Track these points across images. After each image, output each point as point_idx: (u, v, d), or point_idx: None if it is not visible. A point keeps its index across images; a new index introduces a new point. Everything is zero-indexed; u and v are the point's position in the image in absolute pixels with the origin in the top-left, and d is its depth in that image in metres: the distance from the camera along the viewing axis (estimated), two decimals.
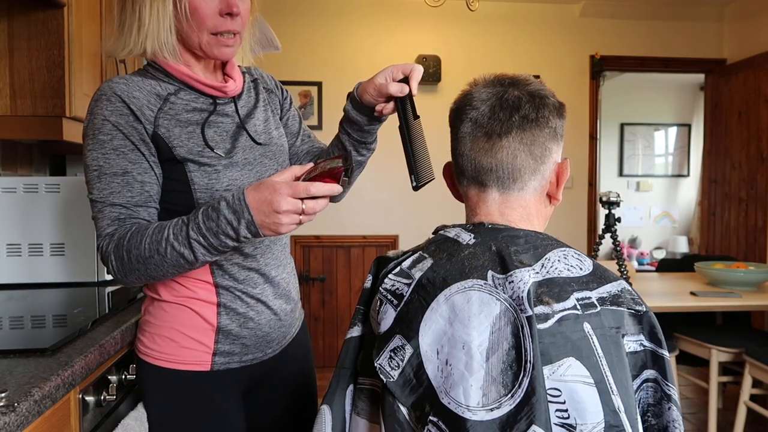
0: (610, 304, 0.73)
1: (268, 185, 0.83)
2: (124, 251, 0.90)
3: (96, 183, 0.93)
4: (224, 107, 1.03)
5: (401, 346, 0.76)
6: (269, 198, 0.82)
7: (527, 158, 0.79)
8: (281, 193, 0.82)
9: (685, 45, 3.86)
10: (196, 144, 0.97)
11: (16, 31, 1.51)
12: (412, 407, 0.73)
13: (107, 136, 0.92)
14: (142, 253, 0.88)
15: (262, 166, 1.05)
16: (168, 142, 0.96)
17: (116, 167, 0.93)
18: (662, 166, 5.82)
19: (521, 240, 0.77)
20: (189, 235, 0.86)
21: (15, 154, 1.86)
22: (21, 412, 0.74)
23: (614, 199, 2.47)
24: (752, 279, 2.46)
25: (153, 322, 1.02)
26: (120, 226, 0.93)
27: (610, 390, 0.68)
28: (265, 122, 1.09)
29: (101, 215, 0.93)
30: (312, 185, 0.83)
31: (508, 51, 3.73)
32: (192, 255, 0.87)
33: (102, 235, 0.93)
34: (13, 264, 1.64)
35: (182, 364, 1.00)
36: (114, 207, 0.93)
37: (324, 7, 3.59)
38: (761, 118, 3.54)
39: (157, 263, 0.89)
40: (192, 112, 0.99)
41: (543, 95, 0.81)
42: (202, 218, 0.86)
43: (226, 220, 0.84)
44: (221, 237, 0.85)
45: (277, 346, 1.09)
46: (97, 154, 0.93)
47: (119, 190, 0.93)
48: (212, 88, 1.01)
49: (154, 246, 0.88)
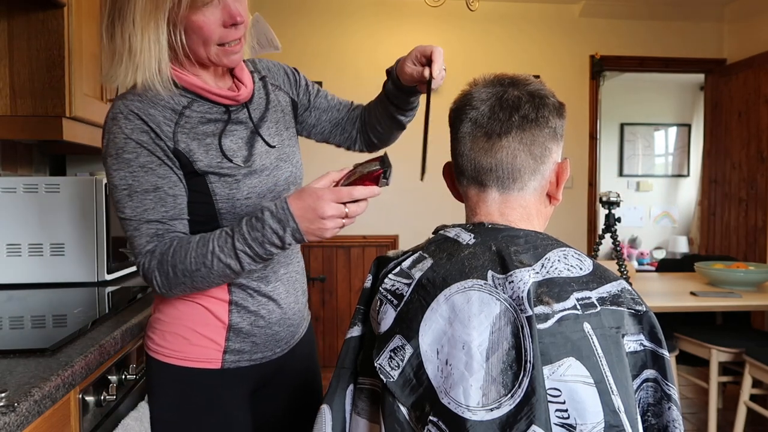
0: (610, 304, 0.73)
1: (311, 192, 0.86)
2: (168, 266, 0.91)
3: (128, 202, 0.92)
4: (238, 114, 1.03)
5: (401, 346, 0.76)
6: (313, 205, 0.85)
7: (527, 158, 0.79)
8: (325, 199, 0.85)
9: (684, 45, 3.86)
10: (214, 156, 0.97)
11: (16, 31, 1.51)
12: (412, 407, 0.73)
13: (132, 154, 0.92)
14: (188, 267, 0.90)
15: (278, 170, 1.05)
16: (188, 156, 0.95)
17: (146, 184, 0.92)
18: (662, 166, 5.82)
19: (521, 240, 0.77)
20: (235, 246, 0.88)
21: (15, 154, 1.86)
22: (21, 412, 0.74)
23: (614, 199, 2.47)
24: (752, 279, 2.46)
25: (164, 319, 1.02)
26: (159, 241, 0.93)
27: (610, 390, 0.68)
28: (276, 124, 1.09)
29: (138, 233, 0.93)
30: (354, 189, 0.86)
31: (508, 51, 3.73)
32: (238, 265, 0.89)
33: (142, 253, 0.93)
34: (13, 264, 1.64)
35: (192, 362, 1.00)
36: (150, 223, 0.93)
37: (324, 7, 3.59)
38: (761, 118, 3.54)
39: (203, 275, 0.90)
40: (207, 124, 0.98)
41: (543, 95, 0.81)
42: (246, 229, 0.87)
43: (271, 230, 0.86)
44: (267, 246, 0.88)
45: (285, 346, 1.10)
46: (125, 173, 0.92)
47: (153, 206, 0.93)
48: (225, 98, 1.00)
49: (200, 259, 0.89)
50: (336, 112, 1.23)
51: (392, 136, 1.24)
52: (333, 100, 1.23)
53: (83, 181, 1.68)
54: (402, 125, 1.20)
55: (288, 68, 1.19)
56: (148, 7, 0.89)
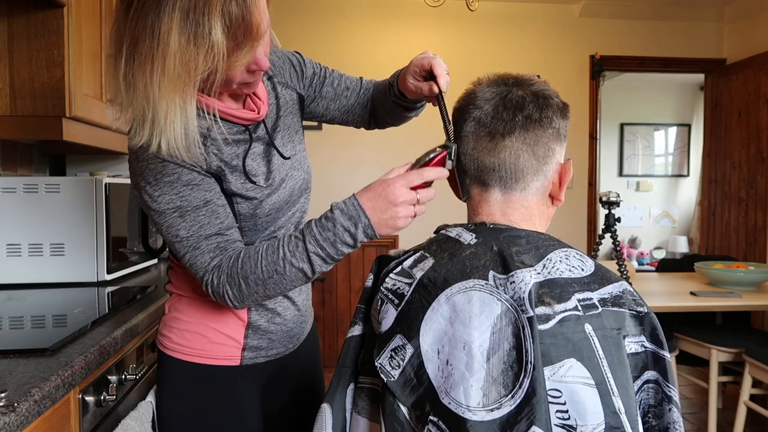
0: (612, 305, 0.73)
1: (380, 182, 0.85)
2: (240, 279, 0.88)
3: (181, 223, 0.89)
4: (257, 132, 1.00)
5: (402, 345, 0.76)
6: (383, 192, 0.83)
7: (530, 158, 0.79)
8: (396, 185, 0.83)
9: (684, 45, 3.86)
10: (239, 177, 0.95)
11: (16, 31, 1.50)
12: (413, 407, 0.73)
13: (173, 176, 0.88)
14: (261, 276, 0.88)
15: (292, 180, 1.04)
16: (221, 177, 0.94)
17: (195, 200, 0.89)
18: (662, 166, 5.82)
19: (523, 240, 0.77)
20: (307, 249, 0.86)
21: (15, 154, 1.86)
22: (21, 412, 0.74)
23: (614, 199, 2.47)
24: (752, 279, 2.46)
25: (183, 318, 1.02)
26: (222, 254, 0.90)
27: (610, 391, 0.68)
28: (288, 129, 1.07)
29: (198, 252, 0.90)
30: (425, 169, 0.84)
31: (507, 51, 3.73)
32: (310, 268, 0.87)
33: (208, 270, 0.90)
34: (13, 264, 1.64)
35: (212, 359, 1.01)
36: (209, 239, 0.90)
37: (324, 7, 3.59)
38: (761, 118, 3.54)
39: (276, 282, 0.88)
40: (231, 146, 0.95)
41: (547, 95, 0.81)
42: (317, 230, 0.86)
43: (343, 227, 0.85)
44: (338, 245, 0.86)
45: (297, 342, 1.12)
46: (170, 196, 0.88)
47: (207, 220, 0.90)
48: (247, 120, 0.97)
49: (272, 267, 0.87)
50: (344, 99, 1.17)
51: (404, 122, 1.21)
52: (340, 86, 1.17)
53: (83, 181, 1.68)
54: (413, 116, 1.18)
55: (293, 57, 1.12)
56: (179, 74, 0.79)
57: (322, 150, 3.59)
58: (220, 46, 0.78)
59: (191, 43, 0.77)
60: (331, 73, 1.16)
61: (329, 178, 3.60)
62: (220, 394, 1.02)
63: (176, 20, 0.76)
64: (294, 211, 1.06)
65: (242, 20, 0.79)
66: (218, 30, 0.77)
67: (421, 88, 0.98)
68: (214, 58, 0.78)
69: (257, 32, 0.81)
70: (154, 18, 0.77)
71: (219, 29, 0.77)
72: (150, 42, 0.77)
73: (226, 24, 0.78)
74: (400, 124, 1.21)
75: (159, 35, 0.77)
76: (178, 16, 0.76)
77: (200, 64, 0.78)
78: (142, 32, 0.77)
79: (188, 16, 0.76)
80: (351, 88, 1.18)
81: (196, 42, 0.77)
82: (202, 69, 0.79)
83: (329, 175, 3.60)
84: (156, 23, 0.76)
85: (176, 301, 1.05)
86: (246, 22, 0.79)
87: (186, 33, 0.77)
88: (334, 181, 3.60)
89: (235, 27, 0.79)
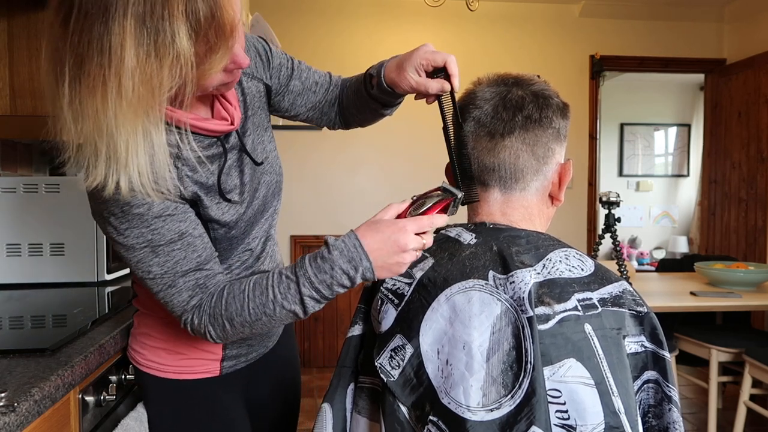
0: (611, 305, 0.73)
1: (389, 224, 0.77)
2: (224, 320, 0.80)
3: (153, 259, 0.78)
4: (229, 141, 0.89)
5: (402, 345, 0.76)
6: (394, 237, 0.76)
7: (530, 158, 0.79)
8: (408, 231, 0.77)
9: (684, 45, 3.86)
10: (214, 199, 0.86)
11: (15, 31, 1.50)
12: (412, 407, 0.73)
13: (143, 207, 0.75)
14: (247, 318, 0.80)
15: (265, 186, 0.97)
16: (195, 203, 0.84)
17: (169, 234, 0.78)
18: (662, 166, 5.82)
19: (523, 240, 0.77)
20: (301, 292, 0.78)
21: (15, 154, 1.86)
22: (21, 412, 0.74)
23: (614, 199, 2.47)
24: (752, 279, 2.46)
25: (155, 335, 0.98)
26: (203, 292, 0.81)
27: (610, 391, 0.68)
28: (257, 130, 0.96)
29: (174, 290, 0.80)
30: (435, 218, 0.79)
31: (507, 51, 3.73)
32: (303, 311, 0.80)
33: (187, 310, 0.81)
34: (13, 264, 1.64)
35: (191, 374, 0.98)
36: (186, 275, 0.80)
37: (324, 7, 3.59)
38: (761, 118, 3.54)
39: (264, 323, 0.81)
40: (203, 163, 0.84)
41: (547, 95, 0.81)
42: (313, 272, 0.77)
43: (341, 270, 0.77)
44: (335, 287, 0.78)
45: (275, 338, 1.10)
46: (140, 230, 0.76)
47: (184, 255, 0.79)
48: (221, 132, 0.86)
49: (260, 309, 0.79)
50: (312, 94, 1.06)
51: (374, 122, 1.11)
52: (308, 80, 1.06)
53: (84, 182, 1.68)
54: (385, 115, 1.07)
55: (259, 45, 0.99)
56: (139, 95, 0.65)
57: (322, 150, 3.59)
58: (188, 54, 0.65)
59: (151, 55, 0.64)
60: (298, 65, 1.05)
61: (329, 178, 3.60)
62: (204, 404, 0.99)
63: (130, 29, 0.62)
64: (266, 217, 0.99)
65: (212, 19, 0.66)
66: (183, 35, 0.64)
67: (427, 85, 0.87)
68: (182, 70, 0.65)
69: (231, 29, 0.68)
70: (102, 29, 0.62)
71: (184, 34, 0.64)
72: (99, 59, 0.63)
73: (192, 27, 0.65)
74: (369, 125, 1.11)
75: (110, 50, 0.63)
76: (132, 24, 0.62)
77: (165, 79, 0.65)
78: (88, 48, 0.63)
79: (144, 23, 0.63)
80: (320, 83, 1.07)
81: (157, 53, 0.64)
82: (168, 85, 0.66)
83: (329, 175, 3.60)
84: (105, 35, 0.62)
85: (145, 317, 0.99)
86: (217, 20, 0.66)
87: (144, 44, 0.63)
88: (334, 181, 3.60)
89: (205, 28, 0.66)
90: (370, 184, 3.60)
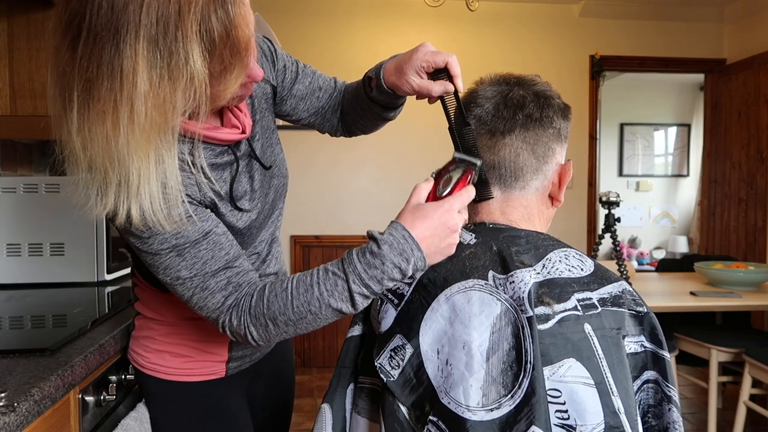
0: (611, 305, 0.73)
1: (435, 207, 0.75)
2: (267, 320, 0.77)
3: (180, 262, 0.76)
4: (240, 149, 0.88)
5: (401, 345, 0.76)
6: (443, 220, 0.74)
7: (530, 157, 0.79)
8: (454, 210, 0.75)
9: (684, 45, 3.86)
10: (227, 206, 0.86)
11: (15, 31, 1.51)
12: (412, 407, 0.73)
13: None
14: (291, 317, 0.77)
15: (273, 190, 0.96)
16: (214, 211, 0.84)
17: (193, 235, 0.76)
18: (662, 166, 5.82)
19: (522, 240, 0.77)
20: (350, 289, 0.74)
21: (15, 154, 1.86)
22: (21, 412, 0.74)
23: (614, 199, 2.47)
24: (752, 279, 2.46)
25: (158, 339, 0.97)
26: (237, 291, 0.79)
27: (610, 391, 0.68)
28: (264, 133, 0.95)
29: (206, 292, 0.77)
30: (470, 190, 0.78)
31: (507, 51, 3.73)
32: (352, 308, 0.76)
33: (223, 311, 0.78)
34: (13, 264, 1.64)
35: (196, 377, 0.98)
36: (217, 275, 0.77)
37: (324, 8, 3.59)
38: (761, 118, 3.54)
39: (309, 322, 0.77)
40: (216, 171, 0.83)
41: (548, 96, 0.81)
42: (362, 267, 0.74)
43: (392, 264, 0.73)
44: (386, 282, 0.75)
45: None
46: (163, 236, 0.74)
47: (211, 255, 0.77)
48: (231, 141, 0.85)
49: (305, 307, 0.76)
50: (315, 100, 1.04)
51: (377, 128, 1.09)
52: (312, 85, 1.03)
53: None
54: (388, 120, 1.05)
55: (264, 45, 0.97)
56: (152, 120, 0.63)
57: (324, 151, 3.59)
58: (202, 75, 0.63)
59: (164, 78, 0.62)
60: (303, 69, 1.03)
61: (330, 178, 3.60)
62: (210, 405, 0.99)
63: (142, 52, 0.61)
64: (273, 220, 0.98)
65: (227, 38, 0.64)
66: (197, 56, 0.62)
67: (430, 88, 0.85)
68: (196, 92, 0.64)
69: (246, 48, 0.67)
70: (113, 52, 0.61)
71: (198, 55, 0.62)
72: (109, 84, 0.61)
73: (207, 47, 0.63)
74: (372, 131, 1.09)
75: (121, 74, 0.61)
76: (145, 47, 0.61)
77: (178, 102, 0.64)
78: (98, 72, 0.61)
79: (157, 45, 0.61)
80: (324, 89, 1.05)
81: (170, 76, 0.62)
82: (182, 108, 0.65)
83: (332, 176, 3.60)
84: (116, 59, 0.61)
85: (148, 321, 0.98)
86: (232, 39, 0.64)
87: (157, 67, 0.61)
88: (334, 182, 3.60)
89: (220, 48, 0.64)
90: (370, 184, 3.60)
